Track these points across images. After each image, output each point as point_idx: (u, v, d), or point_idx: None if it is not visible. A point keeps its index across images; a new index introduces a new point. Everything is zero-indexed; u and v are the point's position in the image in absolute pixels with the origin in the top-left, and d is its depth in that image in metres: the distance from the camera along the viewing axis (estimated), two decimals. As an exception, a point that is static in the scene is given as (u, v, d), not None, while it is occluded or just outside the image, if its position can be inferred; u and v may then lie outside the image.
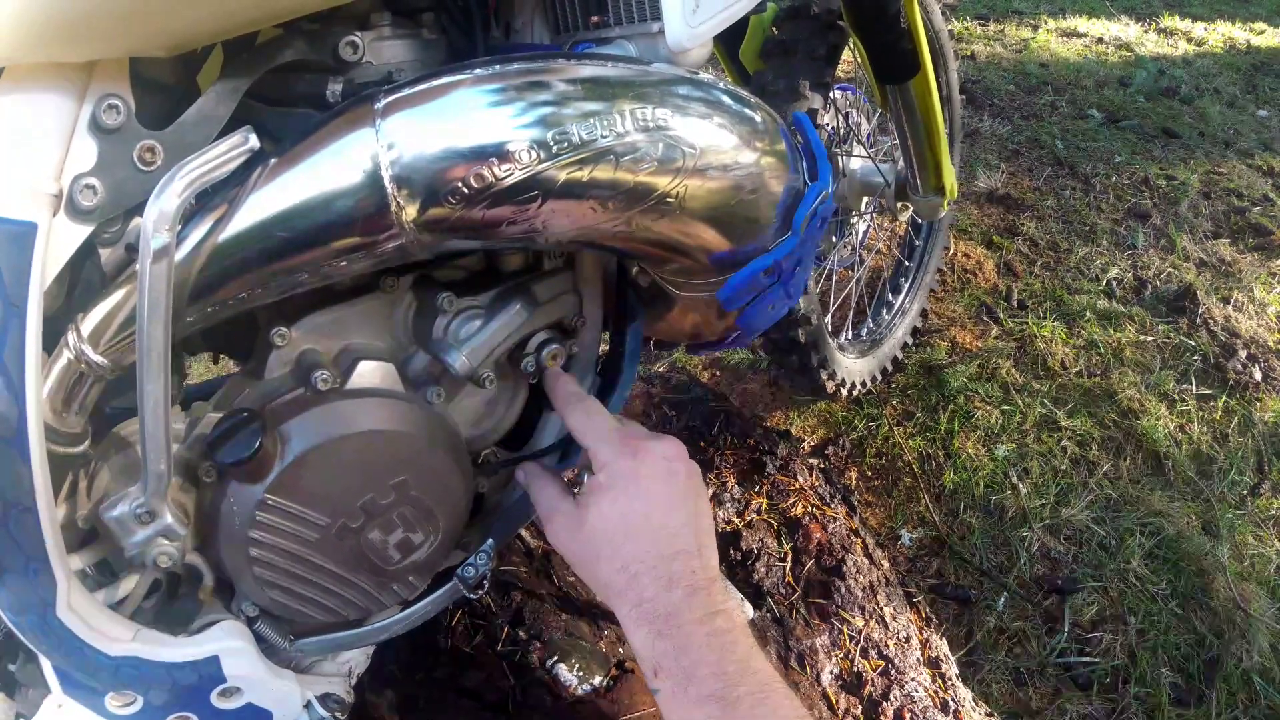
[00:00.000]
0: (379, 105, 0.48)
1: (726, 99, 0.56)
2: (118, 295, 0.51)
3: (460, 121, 0.47)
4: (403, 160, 0.47)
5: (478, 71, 0.49)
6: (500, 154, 0.47)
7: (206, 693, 0.59)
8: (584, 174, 0.48)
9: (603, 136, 0.48)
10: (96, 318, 0.50)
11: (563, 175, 0.48)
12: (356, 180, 0.47)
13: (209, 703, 0.60)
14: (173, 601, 0.63)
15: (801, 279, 0.68)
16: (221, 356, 0.73)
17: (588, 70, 0.51)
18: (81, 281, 0.53)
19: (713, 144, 0.53)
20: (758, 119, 0.57)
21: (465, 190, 0.47)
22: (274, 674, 0.62)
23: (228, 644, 0.59)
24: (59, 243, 0.48)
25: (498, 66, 0.49)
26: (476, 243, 0.52)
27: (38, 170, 0.46)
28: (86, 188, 0.47)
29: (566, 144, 0.48)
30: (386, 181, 0.47)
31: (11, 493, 0.47)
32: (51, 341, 0.50)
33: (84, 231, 0.49)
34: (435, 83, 0.49)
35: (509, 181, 0.47)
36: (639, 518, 0.56)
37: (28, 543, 0.48)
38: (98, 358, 0.50)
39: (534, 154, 0.47)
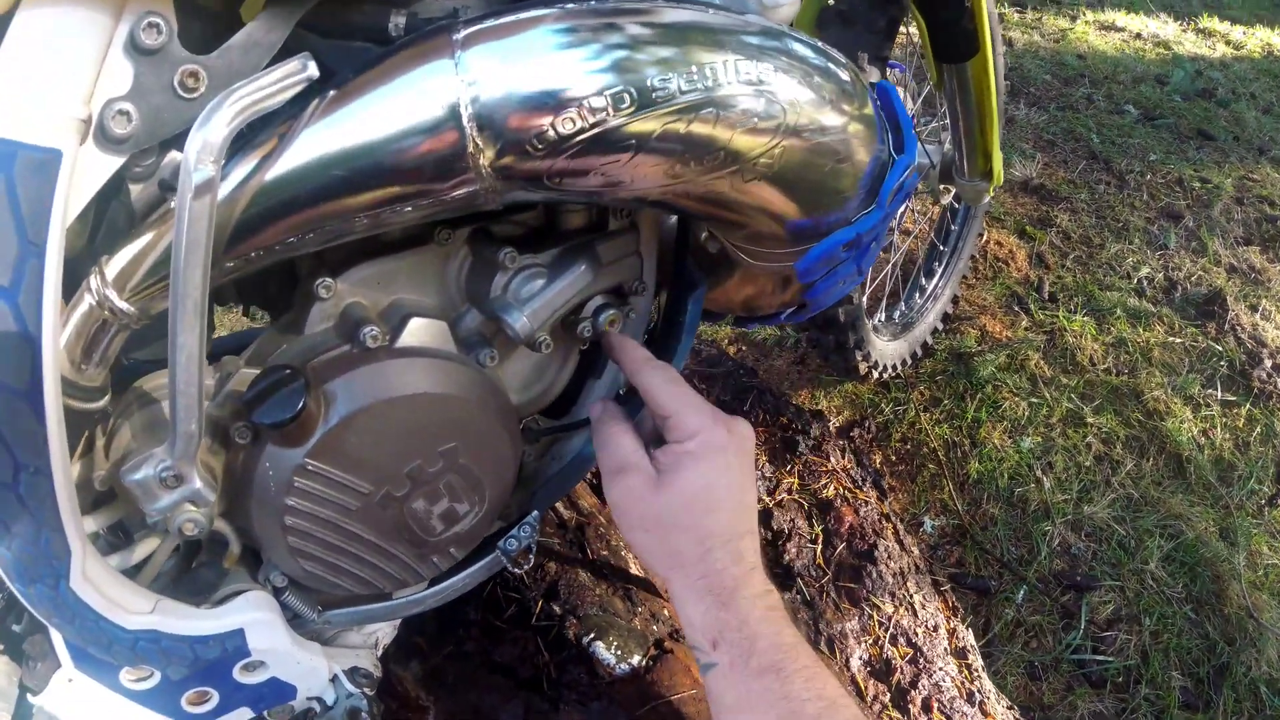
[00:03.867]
0: (459, 36, 0.43)
1: (819, 58, 0.52)
2: (148, 236, 0.46)
3: (551, 59, 0.43)
4: (485, 99, 0.42)
5: (569, 6, 0.44)
6: (593, 99, 0.42)
7: (229, 667, 0.56)
8: (682, 127, 0.44)
9: (704, 88, 0.44)
10: (123, 260, 0.46)
11: (660, 127, 0.44)
12: (431, 118, 0.43)
13: (231, 677, 0.57)
14: (194, 569, 0.59)
15: (874, 255, 0.64)
16: (254, 314, 0.68)
17: (687, 15, 0.46)
18: (108, 220, 0.48)
19: (809, 103, 0.49)
20: (848, 80, 0.53)
21: (553, 136, 0.43)
22: (301, 647, 0.59)
23: (254, 616, 0.55)
24: (85, 174, 0.43)
25: (587, 3, 0.45)
26: (550, 195, 0.47)
27: (66, 92, 0.41)
28: (120, 114, 0.43)
29: (665, 93, 0.43)
30: (465, 121, 0.42)
31: (23, 452, 0.43)
32: (72, 286, 0.46)
33: (114, 163, 0.44)
34: (522, 16, 0.44)
35: (600, 130, 0.43)
36: (724, 492, 0.55)
37: (39, 507, 0.44)
38: (123, 304, 0.46)
39: (629, 102, 0.43)
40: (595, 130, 0.43)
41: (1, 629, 0.60)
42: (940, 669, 1.00)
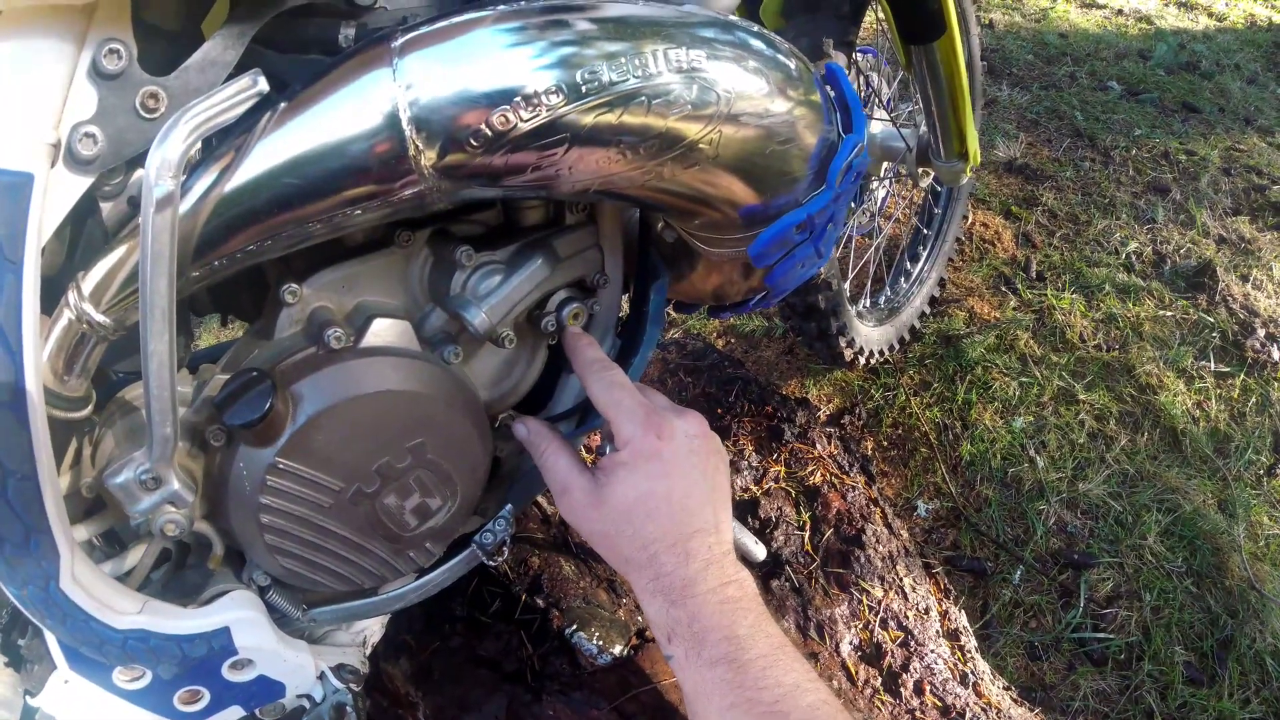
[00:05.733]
0: (396, 44, 0.45)
1: (759, 43, 0.53)
2: (120, 251, 0.48)
3: (483, 61, 0.44)
4: (422, 102, 0.44)
5: (501, 9, 0.46)
6: (526, 96, 0.44)
7: (217, 665, 0.58)
8: (614, 117, 0.46)
9: (634, 78, 0.45)
10: (98, 275, 0.48)
11: (591, 119, 0.45)
12: (373, 123, 0.45)
13: (220, 675, 0.58)
14: (181, 571, 0.61)
15: (832, 237, 0.65)
16: (230, 322, 0.70)
17: (616, 9, 0.48)
18: (82, 238, 0.51)
19: (747, 89, 0.50)
20: (791, 66, 0.54)
21: (489, 134, 0.44)
22: (287, 645, 0.61)
23: (238, 615, 0.57)
24: (57, 195, 0.45)
25: (522, 3, 0.46)
26: (497, 191, 0.49)
27: (35, 118, 0.43)
28: (86, 136, 0.45)
29: (596, 85, 0.45)
30: (405, 124, 0.44)
31: (11, 460, 0.45)
32: (51, 302, 0.48)
33: (84, 183, 0.46)
34: (456, 20, 0.46)
35: (534, 125, 0.45)
36: (660, 499, 0.56)
37: (28, 512, 0.46)
38: (100, 317, 0.48)
39: (561, 96, 0.44)
40: (529, 125, 0.44)
41: (6, 642, 0.62)
42: (932, 651, 1.00)
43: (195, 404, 0.55)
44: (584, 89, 0.45)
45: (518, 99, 0.44)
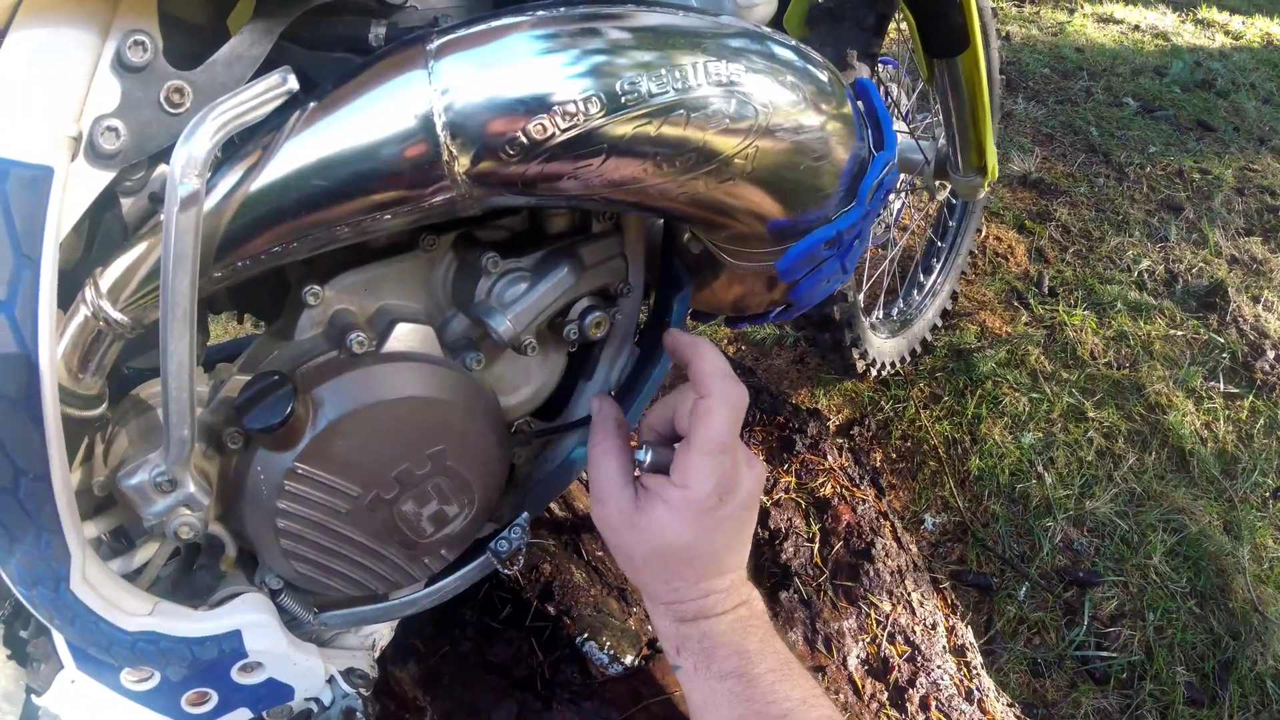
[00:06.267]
0: (432, 46, 0.44)
1: (795, 57, 0.52)
2: (140, 248, 0.47)
3: (522, 67, 0.44)
4: (458, 107, 0.43)
5: (540, 14, 0.45)
6: (565, 104, 0.43)
7: (227, 668, 0.57)
8: (653, 129, 0.45)
9: (674, 90, 0.45)
10: (117, 272, 0.47)
11: (630, 130, 0.44)
12: (406, 127, 0.44)
13: (229, 678, 0.58)
14: (192, 572, 0.60)
15: (858, 253, 0.64)
16: (245, 316, 0.69)
17: (657, 18, 0.47)
18: (101, 233, 0.50)
19: (783, 103, 0.49)
20: (825, 80, 0.53)
21: (525, 142, 0.43)
22: (297, 648, 0.60)
23: (250, 618, 0.56)
24: (77, 189, 0.44)
25: (562, 10, 0.46)
26: (529, 199, 0.48)
27: (56, 110, 0.42)
28: (108, 130, 0.44)
29: (635, 96, 0.44)
30: (439, 129, 0.43)
31: (23, 459, 0.44)
32: (68, 297, 0.47)
33: (105, 178, 0.45)
34: (495, 24, 0.45)
35: (572, 134, 0.44)
36: (697, 551, 0.55)
37: (40, 513, 0.46)
38: (117, 315, 0.47)
39: (600, 106, 0.44)
40: (567, 135, 0.44)
41: (8, 634, 0.61)
42: (938, 667, 1.00)
43: (212, 404, 0.54)
44: (623, 100, 0.44)
45: (555, 108, 0.43)
